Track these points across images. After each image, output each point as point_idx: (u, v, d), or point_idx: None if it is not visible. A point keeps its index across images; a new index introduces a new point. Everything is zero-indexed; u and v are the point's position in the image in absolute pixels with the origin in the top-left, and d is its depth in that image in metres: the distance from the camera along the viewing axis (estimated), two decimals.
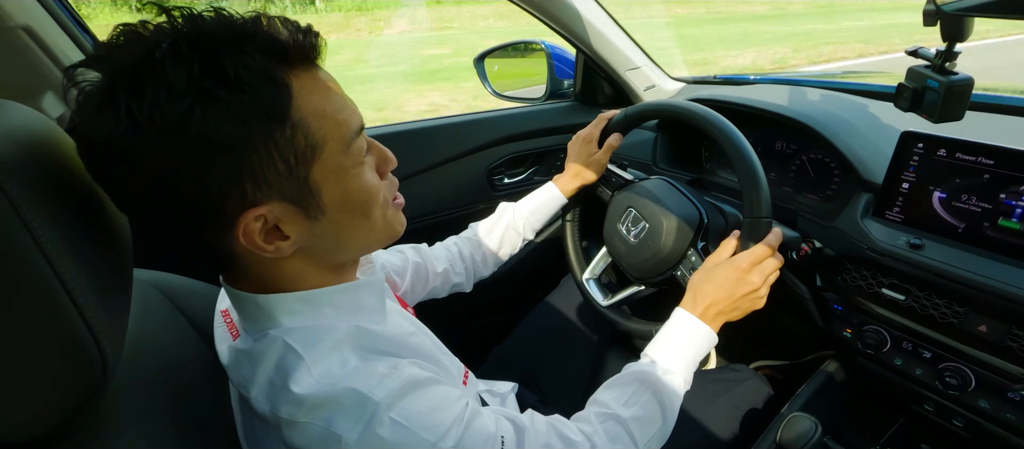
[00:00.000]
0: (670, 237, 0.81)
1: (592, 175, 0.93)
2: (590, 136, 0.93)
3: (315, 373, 0.44)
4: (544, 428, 0.55)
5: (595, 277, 0.96)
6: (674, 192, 0.86)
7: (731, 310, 0.67)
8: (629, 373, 0.66)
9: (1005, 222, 0.64)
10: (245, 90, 0.39)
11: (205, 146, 0.38)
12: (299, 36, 0.42)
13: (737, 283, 0.67)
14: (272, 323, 0.48)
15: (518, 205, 0.93)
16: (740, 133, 0.72)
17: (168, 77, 0.37)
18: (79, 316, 0.36)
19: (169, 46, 0.38)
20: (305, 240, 0.46)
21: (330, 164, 0.45)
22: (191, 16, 0.39)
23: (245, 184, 0.41)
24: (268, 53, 0.40)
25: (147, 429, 0.45)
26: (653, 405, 0.62)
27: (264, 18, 0.41)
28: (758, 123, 0.95)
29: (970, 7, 0.55)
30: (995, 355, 0.64)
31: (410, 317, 0.63)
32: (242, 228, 0.42)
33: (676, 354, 0.66)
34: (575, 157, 0.94)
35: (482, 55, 1.39)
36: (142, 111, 0.36)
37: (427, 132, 1.18)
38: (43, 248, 0.34)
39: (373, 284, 0.54)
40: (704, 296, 0.68)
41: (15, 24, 0.78)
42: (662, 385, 0.63)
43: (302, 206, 0.44)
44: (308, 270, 0.49)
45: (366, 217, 0.49)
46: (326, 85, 0.45)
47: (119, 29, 0.39)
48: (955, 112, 0.62)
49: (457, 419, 0.46)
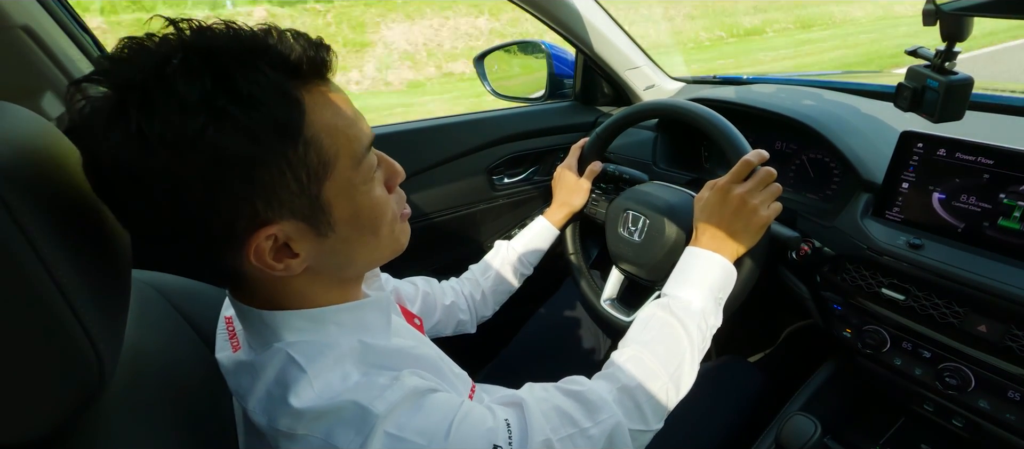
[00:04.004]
0: (673, 224, 0.82)
1: (579, 201, 0.96)
2: (570, 166, 0.97)
3: (316, 387, 0.43)
4: (544, 394, 0.54)
5: (612, 297, 0.96)
6: (662, 186, 0.90)
7: (734, 233, 0.69)
8: (642, 311, 0.68)
9: (1005, 222, 0.64)
10: (258, 107, 0.38)
11: (217, 164, 0.37)
12: (311, 51, 0.41)
13: (736, 205, 0.69)
14: (275, 337, 0.48)
15: (511, 244, 0.94)
16: (700, 105, 0.77)
17: (180, 94, 0.36)
18: (75, 319, 0.36)
19: (180, 61, 0.36)
20: (314, 258, 0.45)
21: (341, 181, 0.44)
22: (200, 29, 0.38)
23: (257, 203, 0.40)
24: (280, 68, 0.40)
25: (146, 431, 0.45)
26: (674, 326, 0.63)
27: (275, 32, 0.40)
28: (758, 123, 0.95)
29: (969, 7, 0.55)
30: (995, 355, 0.64)
31: (413, 330, 0.62)
32: (253, 248, 0.41)
33: (684, 280, 0.68)
34: (559, 189, 0.97)
35: (482, 55, 1.39)
36: (153, 129, 0.35)
37: (427, 132, 1.18)
38: (39, 252, 0.34)
39: (379, 302, 0.53)
40: (702, 228, 0.70)
41: (15, 24, 0.77)
42: (679, 308, 0.64)
43: (313, 223, 0.44)
44: (315, 287, 0.48)
45: (375, 233, 0.49)
46: (337, 100, 0.44)
47: (124, 42, 0.38)
48: (955, 112, 0.62)
49: (455, 421, 0.45)
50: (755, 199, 0.68)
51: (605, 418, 0.54)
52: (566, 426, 0.51)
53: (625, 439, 0.55)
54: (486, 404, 0.51)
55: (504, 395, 0.55)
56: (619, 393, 0.57)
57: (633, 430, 0.56)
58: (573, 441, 0.51)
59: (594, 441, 0.52)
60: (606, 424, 0.53)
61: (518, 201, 1.30)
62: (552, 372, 0.72)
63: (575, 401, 0.54)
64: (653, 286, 0.89)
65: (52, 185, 0.38)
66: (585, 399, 0.54)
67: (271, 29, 0.40)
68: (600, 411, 0.54)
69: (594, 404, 0.54)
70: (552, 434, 0.49)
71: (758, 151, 0.71)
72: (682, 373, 0.62)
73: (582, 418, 0.53)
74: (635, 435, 0.56)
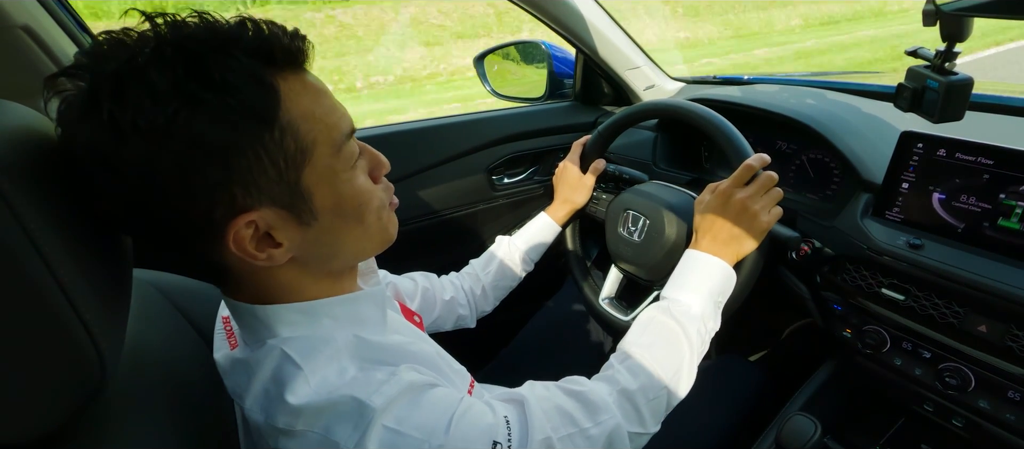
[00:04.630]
0: (673, 224, 0.82)
1: (581, 199, 0.96)
2: (573, 162, 0.97)
3: (313, 383, 0.43)
4: (545, 392, 0.54)
5: (611, 296, 0.96)
6: (662, 186, 0.90)
7: (735, 237, 0.69)
8: (642, 314, 0.67)
9: (1005, 222, 0.64)
10: (231, 92, 0.38)
11: (191, 151, 0.37)
12: (286, 39, 0.41)
13: (737, 210, 0.69)
14: (270, 333, 0.47)
15: (513, 239, 0.93)
16: (700, 105, 0.76)
17: (151, 81, 0.36)
18: (77, 318, 0.36)
19: (152, 51, 0.37)
20: (298, 247, 0.45)
21: (321, 167, 0.44)
22: (175, 22, 0.39)
23: (234, 189, 0.40)
24: (254, 56, 0.40)
25: (147, 430, 0.45)
26: (673, 330, 0.63)
27: (250, 22, 0.41)
28: (758, 123, 0.95)
29: (970, 7, 0.55)
30: (995, 355, 0.64)
31: (414, 330, 0.62)
32: (232, 235, 0.41)
33: (687, 286, 0.68)
34: (561, 186, 0.96)
35: (482, 55, 1.39)
36: (125, 116, 0.35)
37: (427, 132, 1.18)
38: (40, 249, 0.34)
39: (374, 295, 0.53)
40: (703, 231, 0.70)
41: (15, 24, 0.77)
42: (680, 311, 0.64)
43: (294, 211, 0.44)
44: (303, 279, 0.48)
45: (360, 222, 0.48)
46: (314, 88, 0.44)
47: (102, 37, 0.38)
48: (955, 112, 0.62)
49: (455, 417, 0.45)
50: (756, 204, 0.68)
51: (605, 419, 0.54)
52: (566, 425, 0.51)
53: (624, 441, 0.55)
54: (486, 400, 0.51)
55: (504, 392, 0.55)
56: (619, 396, 0.57)
57: (631, 432, 0.56)
58: (573, 441, 0.51)
59: (594, 441, 0.52)
60: (606, 425, 0.53)
61: (518, 201, 1.30)
62: (552, 372, 0.72)
63: (576, 401, 0.54)
64: (652, 286, 0.89)
65: (53, 181, 0.38)
66: (586, 399, 0.54)
67: (246, 20, 0.41)
68: (601, 412, 0.54)
69: (595, 405, 0.54)
70: (552, 432, 0.49)
71: (760, 155, 0.71)
72: (681, 377, 0.62)
73: (583, 418, 0.53)
74: (633, 437, 0.56)
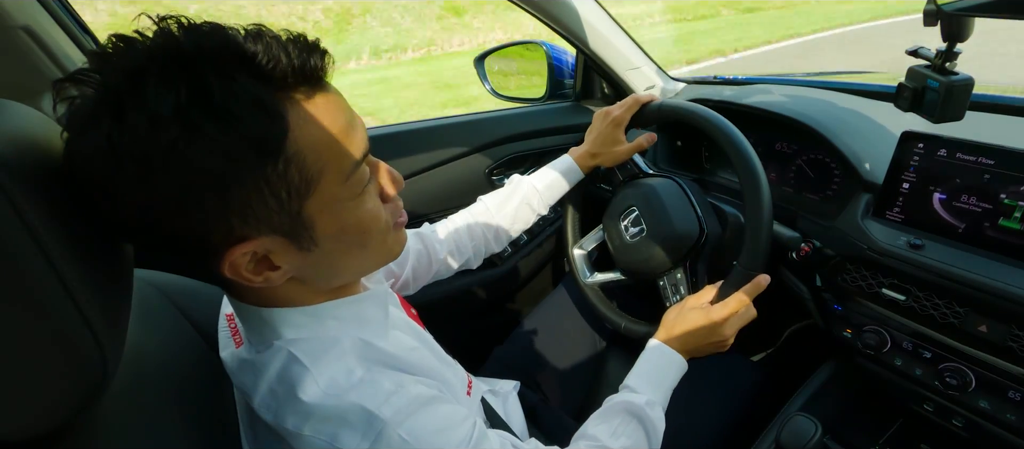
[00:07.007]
0: (664, 250, 0.82)
1: (611, 162, 0.90)
2: (620, 119, 0.86)
3: (321, 383, 0.43)
4: None
5: (585, 252, 0.98)
6: (681, 199, 0.83)
7: (696, 351, 0.72)
8: (614, 405, 0.67)
9: (1005, 222, 0.64)
10: (234, 123, 0.36)
11: (188, 182, 0.36)
12: (299, 59, 0.38)
13: (707, 332, 0.70)
14: (275, 335, 0.47)
15: (532, 178, 0.88)
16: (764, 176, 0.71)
17: (152, 105, 0.34)
18: (80, 316, 0.36)
19: (157, 69, 0.35)
20: (297, 270, 0.45)
21: (326, 197, 0.42)
22: (184, 28, 0.37)
23: (232, 220, 0.38)
24: (263, 78, 0.37)
25: (148, 428, 0.46)
26: (640, 435, 0.65)
27: (267, 35, 0.38)
28: (758, 123, 0.94)
29: (970, 7, 0.55)
30: (995, 355, 0.64)
31: (413, 326, 0.62)
32: (228, 263, 0.40)
33: (654, 384, 0.69)
34: (598, 135, 0.88)
35: (482, 55, 1.39)
36: (123, 141, 0.34)
37: (427, 132, 1.18)
38: (44, 248, 0.34)
39: (376, 296, 0.53)
40: (676, 338, 0.72)
41: (15, 24, 0.77)
42: (646, 415, 0.65)
43: (293, 238, 0.42)
44: (304, 292, 0.48)
45: (363, 247, 0.47)
46: (329, 109, 0.41)
47: (112, 39, 0.37)
48: (955, 112, 0.62)
49: (464, 439, 0.46)
50: (730, 329, 0.71)
51: None
52: None
53: None
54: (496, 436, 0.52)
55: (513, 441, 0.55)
56: None
57: None
58: None
59: None
60: None
61: None
62: (548, 371, 0.73)
63: None
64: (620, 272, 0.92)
65: (55, 181, 0.38)
66: None
67: (262, 32, 0.38)
68: None
69: None
70: None
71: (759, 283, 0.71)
72: None
73: None
74: None
